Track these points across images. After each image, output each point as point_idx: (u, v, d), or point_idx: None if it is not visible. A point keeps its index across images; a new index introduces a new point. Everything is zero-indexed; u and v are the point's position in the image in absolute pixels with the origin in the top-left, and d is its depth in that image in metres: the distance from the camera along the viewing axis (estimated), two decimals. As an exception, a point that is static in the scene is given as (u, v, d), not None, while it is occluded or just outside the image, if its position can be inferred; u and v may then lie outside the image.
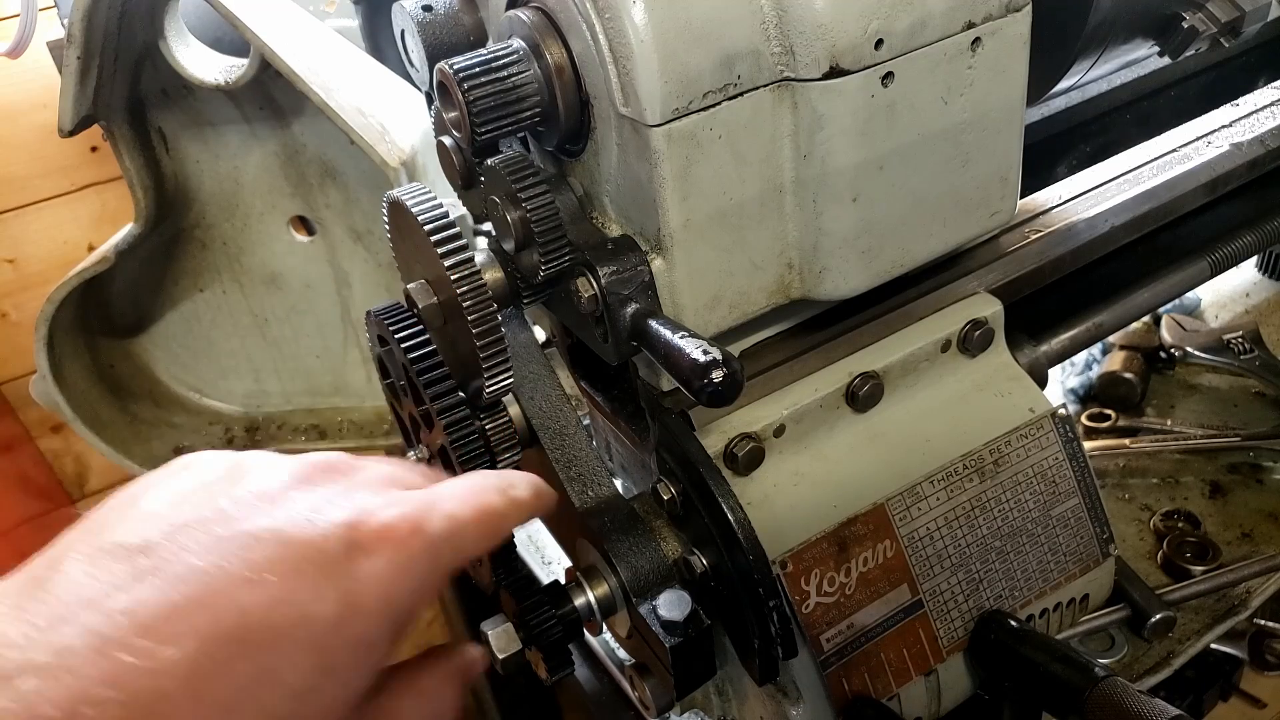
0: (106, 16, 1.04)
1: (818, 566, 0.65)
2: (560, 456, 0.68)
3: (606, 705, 0.97)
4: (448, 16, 0.66)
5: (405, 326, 0.62)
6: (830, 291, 0.64)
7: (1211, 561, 0.91)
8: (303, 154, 1.24)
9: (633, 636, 0.65)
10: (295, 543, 0.42)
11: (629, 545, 0.64)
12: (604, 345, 0.61)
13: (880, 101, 0.58)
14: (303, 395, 1.43)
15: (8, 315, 1.73)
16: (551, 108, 0.59)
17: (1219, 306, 1.26)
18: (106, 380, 1.35)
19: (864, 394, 0.68)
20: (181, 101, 1.20)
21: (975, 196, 0.67)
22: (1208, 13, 0.79)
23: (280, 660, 0.41)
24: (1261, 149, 0.86)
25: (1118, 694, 0.60)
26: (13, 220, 1.69)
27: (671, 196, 0.57)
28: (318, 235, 1.31)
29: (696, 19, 0.53)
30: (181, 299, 1.36)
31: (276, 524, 0.42)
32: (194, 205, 1.28)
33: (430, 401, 0.61)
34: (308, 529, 0.43)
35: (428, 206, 0.58)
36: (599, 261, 0.58)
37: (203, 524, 0.42)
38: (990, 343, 0.73)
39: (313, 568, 0.42)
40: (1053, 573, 0.73)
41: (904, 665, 0.68)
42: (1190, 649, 0.84)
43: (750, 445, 0.65)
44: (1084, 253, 0.79)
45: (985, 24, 0.60)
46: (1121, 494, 1.02)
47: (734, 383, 0.51)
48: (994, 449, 0.71)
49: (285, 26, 1.08)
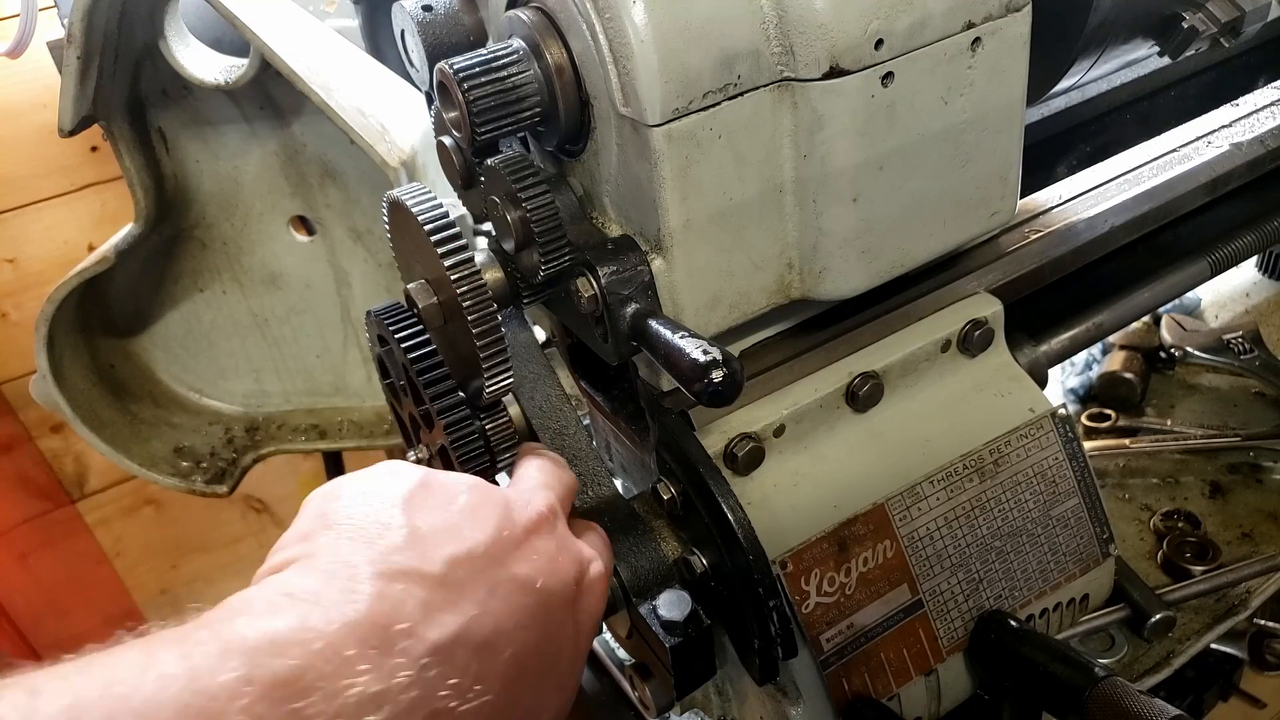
0: (106, 16, 1.04)
1: (818, 566, 0.65)
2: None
3: (606, 705, 0.97)
4: (448, 16, 0.66)
5: (405, 326, 0.62)
6: (830, 291, 0.64)
7: (1211, 561, 0.91)
8: (303, 154, 1.24)
9: (633, 636, 0.65)
10: (547, 593, 0.51)
11: (629, 545, 0.64)
12: (604, 345, 0.61)
13: (880, 101, 0.58)
14: (303, 395, 1.43)
15: (8, 315, 1.73)
16: (551, 108, 0.59)
17: (1219, 306, 1.26)
18: (106, 380, 1.35)
19: (864, 394, 0.68)
20: (181, 101, 1.20)
21: (975, 196, 0.67)
22: (1208, 13, 0.79)
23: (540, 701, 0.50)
24: (1261, 149, 0.86)
25: (1118, 694, 0.60)
26: (13, 220, 1.69)
27: (671, 196, 0.57)
28: (318, 235, 1.31)
29: (696, 19, 0.53)
30: (181, 299, 1.35)
31: (532, 574, 0.50)
32: (194, 205, 1.28)
33: (430, 401, 0.61)
34: (554, 582, 0.51)
35: (428, 206, 0.58)
36: (599, 261, 0.58)
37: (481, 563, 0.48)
38: (990, 343, 0.73)
39: (560, 612, 0.52)
40: (1053, 573, 0.73)
41: (904, 665, 0.68)
42: (1190, 649, 0.84)
43: (750, 445, 0.65)
44: (1084, 253, 0.79)
45: (985, 24, 0.60)
46: (1121, 494, 1.02)
47: (734, 383, 0.51)
48: (994, 449, 0.71)
49: (285, 26, 1.08)
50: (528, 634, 0.48)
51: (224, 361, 1.40)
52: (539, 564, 0.51)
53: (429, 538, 0.47)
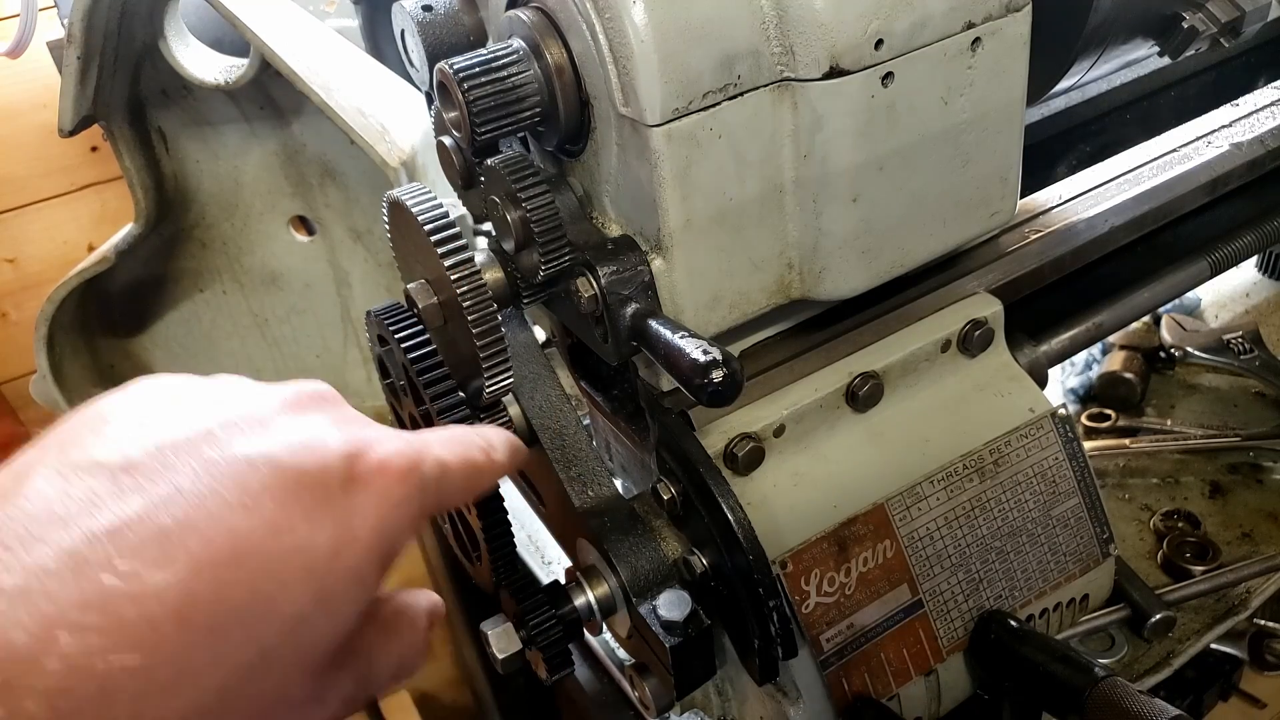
0: (106, 16, 1.04)
1: (818, 566, 0.65)
2: (560, 456, 0.68)
3: (606, 705, 0.97)
4: (448, 16, 0.66)
5: (405, 326, 0.62)
6: (830, 291, 0.64)
7: (1211, 561, 0.91)
8: (303, 154, 1.24)
9: (633, 636, 0.65)
10: (292, 470, 0.41)
11: (629, 545, 0.64)
12: (604, 345, 0.61)
13: (880, 102, 0.58)
14: (303, 395, 1.43)
15: (8, 315, 1.73)
16: (551, 108, 0.59)
17: (1219, 306, 1.26)
18: (106, 380, 1.35)
19: (864, 394, 0.68)
20: (181, 101, 1.20)
21: (975, 196, 0.67)
22: (1208, 13, 0.79)
23: (275, 587, 0.40)
24: (1261, 149, 0.86)
25: (1118, 694, 0.60)
26: (13, 220, 1.69)
27: (671, 196, 0.57)
28: (318, 235, 1.31)
29: (696, 19, 0.53)
30: (181, 299, 1.35)
31: (271, 450, 0.41)
32: (194, 205, 1.28)
33: (430, 401, 0.61)
34: (305, 456, 0.42)
35: (428, 206, 0.58)
36: (599, 261, 0.58)
37: (190, 445, 0.41)
38: (990, 343, 0.73)
39: (310, 496, 0.41)
40: (1053, 573, 0.73)
41: (904, 665, 0.68)
42: (1190, 649, 0.84)
43: (750, 445, 0.65)
44: (1084, 253, 0.79)
45: (985, 24, 0.60)
46: (1121, 494, 1.02)
47: (734, 383, 0.51)
48: (994, 449, 0.71)
49: (285, 26, 1.08)
50: (246, 517, 0.40)
51: (224, 361, 1.40)
52: (278, 440, 0.42)
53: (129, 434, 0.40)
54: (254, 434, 0.42)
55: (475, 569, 0.70)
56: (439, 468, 0.47)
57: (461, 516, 0.68)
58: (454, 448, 0.49)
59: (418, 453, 0.46)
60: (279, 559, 0.40)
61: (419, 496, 0.45)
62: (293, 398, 0.45)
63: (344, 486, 0.42)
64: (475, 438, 0.51)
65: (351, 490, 0.43)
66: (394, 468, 0.44)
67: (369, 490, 0.43)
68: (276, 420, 0.43)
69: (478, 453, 0.50)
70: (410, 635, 0.49)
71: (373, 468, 0.43)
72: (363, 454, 0.44)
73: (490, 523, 0.63)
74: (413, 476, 0.45)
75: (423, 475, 0.46)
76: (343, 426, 0.45)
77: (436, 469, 0.47)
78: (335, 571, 0.41)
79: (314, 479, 0.42)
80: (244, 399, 0.44)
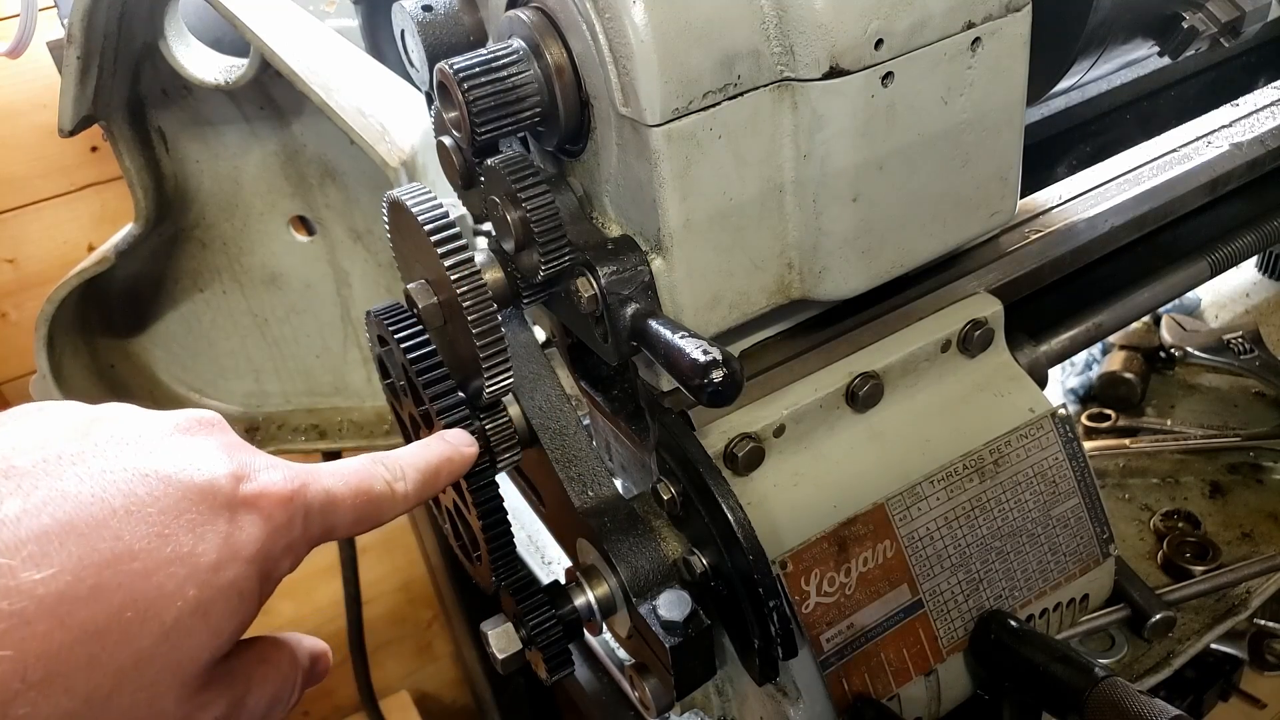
0: (106, 16, 1.04)
1: (818, 566, 0.65)
2: (560, 456, 0.68)
3: (606, 705, 0.97)
4: (448, 16, 0.66)
5: (405, 326, 0.62)
6: (830, 291, 0.64)
7: (1211, 561, 0.91)
8: (303, 154, 1.24)
9: (633, 636, 0.65)
10: (178, 483, 0.42)
11: (629, 545, 0.64)
12: (604, 345, 0.61)
13: (880, 101, 0.58)
14: (303, 395, 1.43)
15: (8, 315, 1.73)
16: (551, 108, 0.59)
17: (1219, 306, 1.26)
18: (106, 380, 1.35)
19: (864, 394, 0.68)
20: (181, 101, 1.20)
21: (975, 196, 0.67)
22: (1208, 13, 0.79)
23: (155, 594, 0.40)
24: (1261, 149, 0.86)
25: (1118, 694, 0.60)
26: (13, 220, 1.68)
27: (671, 196, 0.57)
28: (318, 235, 1.31)
29: (696, 19, 0.53)
30: (181, 299, 1.35)
31: (160, 465, 0.42)
32: (194, 205, 1.28)
33: (430, 401, 0.61)
34: (193, 473, 0.43)
35: (428, 206, 0.58)
36: (599, 261, 0.58)
37: (77, 455, 0.41)
38: (990, 343, 0.73)
39: (195, 510, 0.42)
40: (1053, 573, 0.73)
41: (904, 665, 0.68)
42: (1190, 649, 0.84)
43: (750, 445, 0.65)
44: (1084, 253, 0.79)
45: (985, 24, 0.60)
46: (1121, 494, 1.02)
47: (734, 383, 0.51)
48: (994, 449, 0.71)
49: (285, 26, 1.08)
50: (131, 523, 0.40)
51: (224, 361, 1.40)
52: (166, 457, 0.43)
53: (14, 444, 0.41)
54: (143, 450, 0.43)
55: (475, 569, 0.70)
56: (324, 496, 0.48)
57: (462, 516, 0.68)
58: (348, 478, 0.50)
59: (303, 482, 0.47)
60: (161, 566, 0.40)
61: (301, 523, 0.46)
62: (183, 421, 0.46)
63: (229, 504, 0.43)
64: (379, 469, 0.52)
65: (236, 509, 0.43)
66: (276, 492, 0.45)
67: (252, 511, 0.44)
68: (166, 440, 0.44)
69: (378, 484, 0.51)
70: (289, 671, 0.49)
71: (254, 491, 0.44)
72: (248, 478, 0.45)
73: (490, 523, 0.63)
74: (295, 502, 0.46)
75: (306, 502, 0.46)
76: (230, 451, 0.46)
77: (321, 497, 0.47)
78: (216, 584, 0.42)
79: (200, 494, 0.42)
80: (132, 421, 0.45)
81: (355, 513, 0.50)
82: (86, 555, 0.38)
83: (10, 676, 0.36)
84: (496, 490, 0.62)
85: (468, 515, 0.65)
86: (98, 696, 0.39)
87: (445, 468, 0.56)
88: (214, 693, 0.44)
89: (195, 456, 0.44)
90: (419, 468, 0.54)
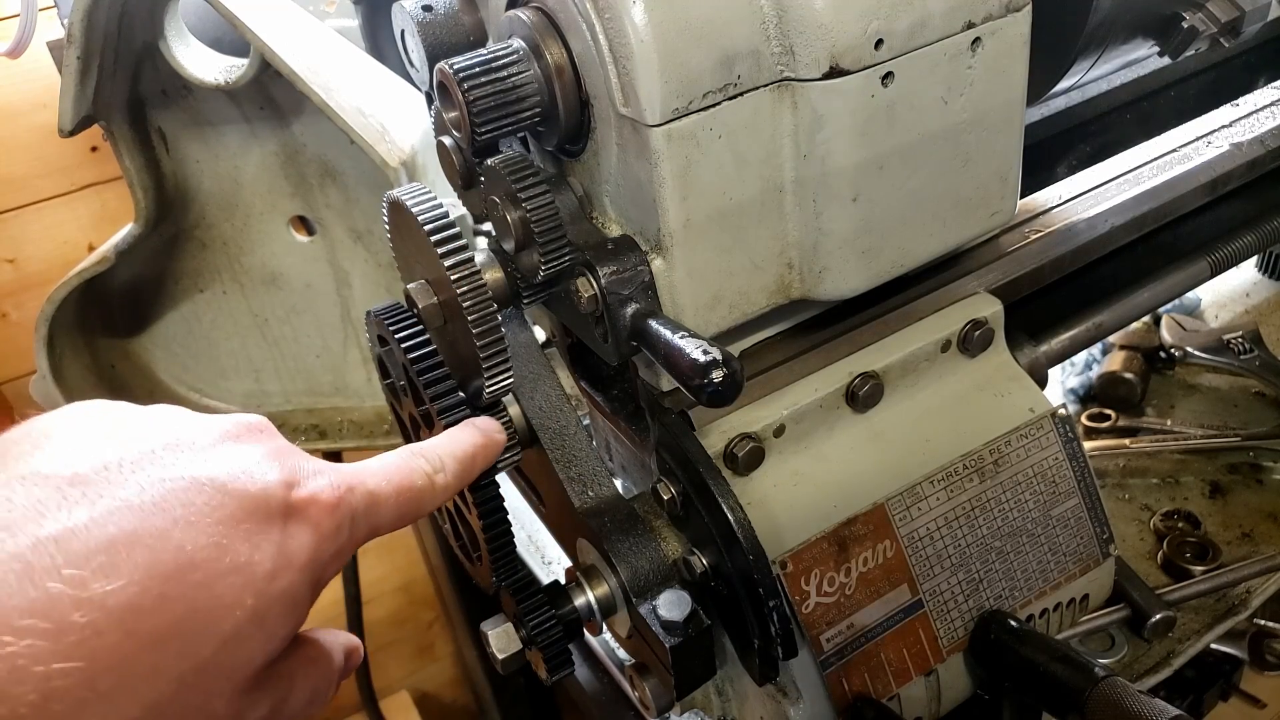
0: (106, 16, 1.04)
1: (818, 566, 0.65)
2: (560, 456, 0.68)
3: (606, 705, 0.97)
4: (448, 16, 0.66)
5: (405, 326, 0.62)
6: (830, 291, 0.64)
7: (1211, 561, 0.91)
8: (303, 154, 1.24)
9: (633, 636, 0.65)
10: (235, 492, 0.43)
11: (629, 545, 0.64)
12: (604, 345, 0.61)
13: (880, 101, 0.58)
14: (303, 395, 1.43)
15: (8, 315, 1.73)
16: (551, 108, 0.59)
17: (1219, 306, 1.27)
18: (106, 380, 1.35)
19: (864, 394, 0.68)
20: (181, 101, 1.20)
21: (975, 196, 0.67)
22: (1208, 13, 0.79)
23: (214, 604, 0.41)
24: (1261, 149, 0.86)
25: (1118, 694, 0.60)
26: (13, 220, 1.68)
27: (671, 196, 0.57)
28: (318, 235, 1.31)
29: (696, 19, 0.53)
30: (181, 299, 1.35)
31: (215, 474, 0.43)
32: (194, 205, 1.28)
33: (430, 401, 0.61)
34: (247, 482, 0.43)
35: (428, 206, 0.58)
36: (599, 261, 0.58)
37: (135, 462, 0.42)
38: (990, 343, 0.73)
39: (251, 520, 0.43)
40: (1053, 573, 0.73)
41: (904, 665, 0.68)
42: (1190, 649, 0.84)
43: (750, 445, 0.65)
44: (1084, 253, 0.79)
45: (985, 24, 0.60)
46: (1121, 494, 1.02)
47: (734, 383, 0.51)
48: (994, 449, 0.71)
49: (285, 26, 1.08)
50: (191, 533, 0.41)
51: (224, 361, 1.40)
52: (220, 465, 0.44)
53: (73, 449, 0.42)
54: (197, 457, 0.43)
55: (475, 569, 0.70)
56: (368, 499, 0.49)
57: (462, 516, 0.68)
58: (390, 476, 0.51)
59: (348, 486, 0.48)
60: (220, 576, 0.41)
61: (349, 528, 0.47)
62: (232, 428, 0.47)
63: (282, 513, 0.44)
64: (420, 462, 0.53)
65: (289, 518, 0.44)
66: (325, 500, 0.46)
67: (304, 519, 0.45)
68: (217, 447, 0.45)
69: (419, 478, 0.52)
70: (326, 669, 0.50)
71: (307, 498, 0.45)
72: (298, 484, 0.45)
73: (490, 523, 0.63)
74: (343, 509, 0.47)
75: (353, 508, 0.48)
76: (279, 457, 0.46)
77: (366, 500, 0.49)
78: (271, 593, 0.43)
79: (255, 503, 0.43)
80: (184, 425, 0.45)
81: (399, 509, 0.50)
82: (153, 566, 0.39)
83: (81, 687, 0.37)
84: (496, 490, 0.62)
85: (468, 515, 0.65)
86: (160, 703, 0.39)
87: (480, 454, 0.57)
88: (262, 694, 0.44)
89: (248, 464, 0.44)
90: (457, 456, 0.55)
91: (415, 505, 0.52)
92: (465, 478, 0.55)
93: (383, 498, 0.49)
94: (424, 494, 0.52)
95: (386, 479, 0.50)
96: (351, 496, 0.47)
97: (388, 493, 0.50)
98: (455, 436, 0.57)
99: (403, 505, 0.51)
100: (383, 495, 0.49)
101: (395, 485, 0.50)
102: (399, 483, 0.51)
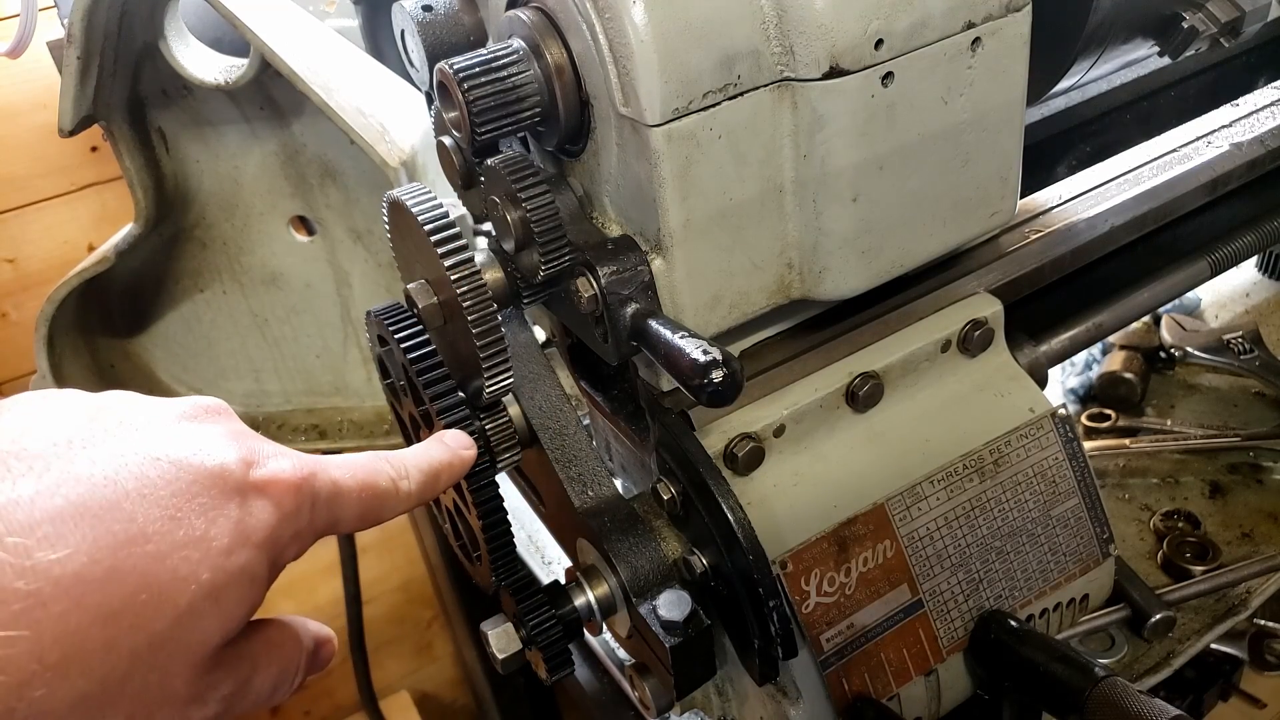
0: (106, 16, 1.04)
1: (818, 566, 0.65)
2: (560, 456, 0.68)
3: (606, 705, 0.97)
4: (448, 16, 0.66)
5: (405, 326, 0.62)
6: (830, 291, 0.64)
7: (1211, 561, 0.91)
8: (303, 154, 1.24)
9: (633, 636, 0.65)
10: (190, 469, 0.42)
11: (629, 545, 0.64)
12: (604, 345, 0.61)
13: (880, 101, 0.58)
14: (303, 395, 1.43)
15: (8, 315, 1.73)
16: (551, 108, 0.59)
17: (1219, 306, 1.26)
18: (106, 380, 1.35)
19: (864, 394, 0.68)
20: (181, 101, 1.20)
21: (975, 196, 0.67)
22: (1208, 13, 0.79)
23: (169, 577, 0.40)
24: (1261, 149, 0.86)
25: (1118, 694, 0.60)
26: (13, 220, 1.68)
27: (671, 196, 0.57)
28: (318, 235, 1.31)
29: (696, 19, 0.53)
30: (181, 299, 1.35)
31: (170, 450, 0.42)
32: (194, 205, 1.28)
33: (430, 401, 0.61)
34: (204, 458, 0.43)
35: (428, 206, 0.58)
36: (599, 261, 0.58)
37: (88, 440, 0.42)
38: (990, 343, 0.73)
39: (207, 495, 0.42)
40: (1053, 573, 0.73)
41: (904, 665, 0.68)
42: (1190, 649, 0.84)
43: (750, 445, 0.65)
44: (1084, 253, 0.79)
45: (985, 24, 0.60)
46: (1121, 494, 1.02)
47: (734, 383, 0.51)
48: (994, 449, 0.71)
49: (285, 26, 1.08)
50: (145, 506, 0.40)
51: (224, 361, 1.40)
52: (176, 442, 0.43)
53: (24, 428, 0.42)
54: (152, 434, 0.43)
55: (475, 569, 0.70)
56: (331, 487, 0.48)
57: (462, 516, 0.68)
58: (354, 472, 0.50)
59: (311, 470, 0.47)
60: (174, 549, 0.40)
61: (309, 511, 0.46)
62: (189, 409, 0.46)
63: (239, 489, 0.43)
64: (385, 466, 0.52)
65: (246, 494, 0.44)
66: (286, 479, 0.45)
67: (262, 496, 0.44)
68: (174, 426, 0.44)
69: (384, 480, 0.51)
70: (292, 653, 0.49)
71: (264, 477, 0.45)
72: (257, 464, 0.45)
73: (490, 523, 0.63)
74: (304, 490, 0.46)
75: (314, 491, 0.47)
76: (237, 439, 0.46)
77: (329, 488, 0.48)
78: (228, 569, 0.42)
79: (212, 479, 0.43)
80: (139, 406, 0.45)
81: (360, 506, 0.50)
82: (101, 537, 0.38)
83: (27, 657, 0.36)
84: (496, 490, 0.62)
85: (468, 515, 0.65)
86: (113, 678, 0.39)
87: (446, 471, 0.57)
88: (222, 673, 0.44)
89: (205, 442, 0.44)
90: (422, 468, 0.55)
91: (378, 506, 0.51)
92: (429, 491, 0.55)
93: (346, 490, 0.49)
94: (387, 496, 0.52)
95: (351, 474, 0.49)
96: (314, 480, 0.47)
97: (351, 486, 0.49)
98: (423, 449, 0.57)
99: (365, 503, 0.50)
100: (346, 487, 0.49)
101: (359, 481, 0.50)
102: (363, 479, 0.50)
